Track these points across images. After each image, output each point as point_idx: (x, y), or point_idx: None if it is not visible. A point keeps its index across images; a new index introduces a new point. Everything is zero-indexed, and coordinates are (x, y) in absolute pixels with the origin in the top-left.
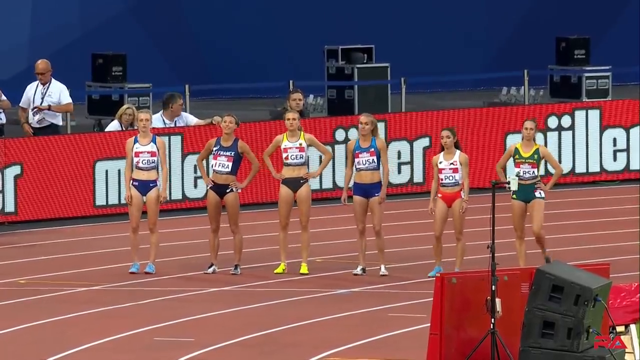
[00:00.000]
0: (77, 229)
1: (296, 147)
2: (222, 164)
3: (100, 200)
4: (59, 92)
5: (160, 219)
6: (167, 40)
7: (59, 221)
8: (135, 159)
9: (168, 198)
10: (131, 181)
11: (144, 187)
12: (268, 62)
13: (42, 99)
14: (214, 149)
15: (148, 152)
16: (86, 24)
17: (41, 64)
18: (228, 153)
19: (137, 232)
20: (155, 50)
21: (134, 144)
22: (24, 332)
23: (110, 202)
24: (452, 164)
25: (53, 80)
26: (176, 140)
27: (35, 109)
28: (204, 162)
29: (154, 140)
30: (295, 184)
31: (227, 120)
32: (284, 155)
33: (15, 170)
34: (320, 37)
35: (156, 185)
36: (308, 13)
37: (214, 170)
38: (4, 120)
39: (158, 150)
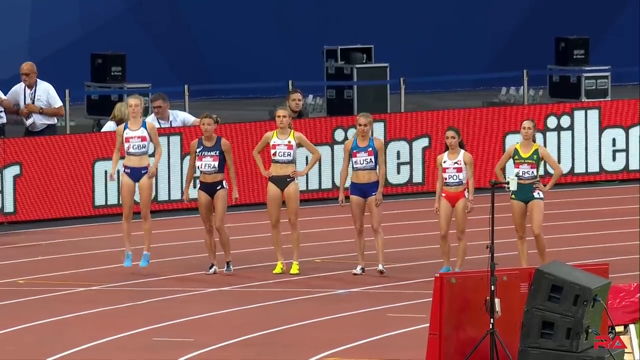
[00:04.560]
0: (76, 229)
1: (285, 145)
2: (207, 164)
3: (99, 201)
4: (46, 94)
5: (159, 219)
6: (166, 40)
7: (58, 221)
8: (126, 145)
9: (167, 198)
10: (123, 168)
11: (136, 174)
12: (267, 62)
13: (32, 103)
14: (197, 150)
15: (138, 137)
16: (85, 24)
17: (28, 65)
18: (212, 153)
19: (130, 220)
20: (155, 50)
21: (125, 129)
22: (23, 332)
23: (109, 202)
24: (456, 163)
25: (39, 81)
26: (175, 140)
27: (28, 114)
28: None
29: (144, 125)
30: (282, 182)
31: (206, 123)
32: (272, 152)
33: (15, 170)
34: (320, 37)
35: (148, 171)
36: (307, 13)
37: (201, 171)
38: (4, 120)
39: (149, 134)
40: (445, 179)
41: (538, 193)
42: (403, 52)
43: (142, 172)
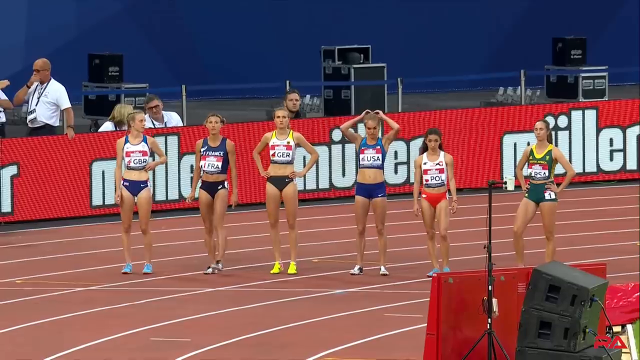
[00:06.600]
0: (74, 229)
1: (284, 145)
2: (211, 164)
3: (96, 201)
4: (55, 93)
5: (156, 219)
6: (163, 40)
7: (55, 221)
8: (127, 159)
9: (164, 198)
10: (122, 181)
11: (135, 187)
12: (265, 63)
13: (39, 99)
14: (202, 149)
15: (139, 152)
16: (82, 24)
17: (39, 61)
18: (217, 153)
19: (129, 232)
20: (152, 50)
21: (125, 143)
22: (20, 333)
23: (106, 203)
24: (438, 164)
25: (52, 80)
26: (172, 140)
27: (32, 111)
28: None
29: (144, 140)
30: (280, 182)
31: (213, 121)
32: (271, 152)
33: (12, 170)
34: (317, 38)
35: (147, 185)
36: (305, 13)
37: (204, 170)
38: (3, 119)
39: (150, 148)
40: (427, 180)
41: (549, 194)
42: (400, 52)
43: (141, 185)
